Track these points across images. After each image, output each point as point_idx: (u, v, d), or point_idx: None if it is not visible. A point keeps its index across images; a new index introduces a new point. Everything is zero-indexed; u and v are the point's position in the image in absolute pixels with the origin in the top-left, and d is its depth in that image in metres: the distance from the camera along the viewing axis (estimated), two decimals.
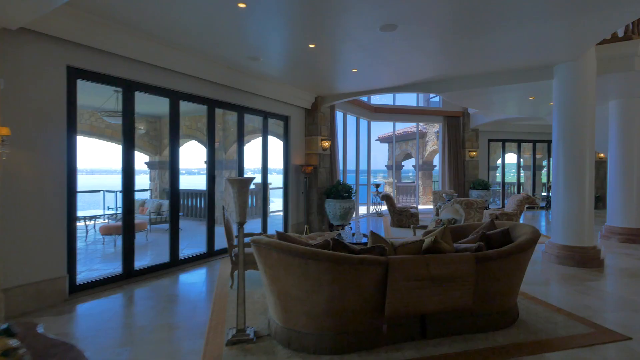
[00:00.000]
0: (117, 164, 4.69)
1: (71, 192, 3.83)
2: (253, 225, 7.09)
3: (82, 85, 4.25)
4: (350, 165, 10.44)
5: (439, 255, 2.80)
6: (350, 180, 10.45)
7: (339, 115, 9.32)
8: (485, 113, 10.72)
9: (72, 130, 3.83)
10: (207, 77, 5.27)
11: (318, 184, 7.61)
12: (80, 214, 7.51)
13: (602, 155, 11.78)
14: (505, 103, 8.07)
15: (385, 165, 17.51)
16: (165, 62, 4.65)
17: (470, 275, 2.78)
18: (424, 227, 5.43)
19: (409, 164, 18.11)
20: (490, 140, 12.28)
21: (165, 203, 8.81)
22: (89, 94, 7.25)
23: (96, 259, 5.76)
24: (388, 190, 15.13)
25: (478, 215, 7.14)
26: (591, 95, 5.13)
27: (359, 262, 2.54)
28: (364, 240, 4.78)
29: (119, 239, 7.12)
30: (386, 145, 17.49)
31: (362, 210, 11.30)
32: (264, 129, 6.74)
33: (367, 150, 10.96)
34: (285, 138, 7.34)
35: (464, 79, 6.15)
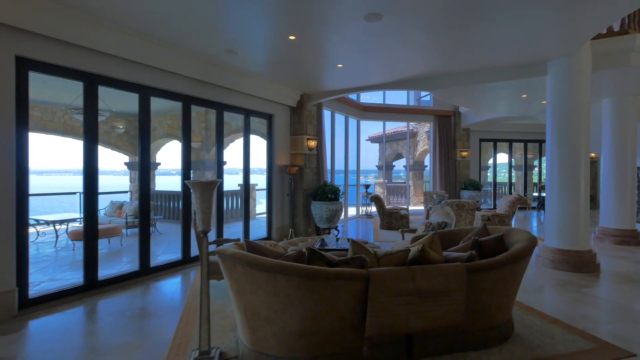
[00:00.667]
0: (100, 164, 4.33)
1: (22, 195, 3.44)
2: (235, 229, 6.75)
3: (49, 80, 3.88)
4: (339, 165, 10.14)
5: (427, 266, 2.50)
6: (339, 181, 10.16)
7: (326, 114, 9.01)
8: (476, 112, 10.52)
9: (22, 127, 3.45)
10: (181, 71, 4.92)
11: (304, 185, 7.29)
12: (48, 218, 7.07)
13: (593, 154, 11.68)
14: (496, 101, 7.85)
15: (376, 166, 17.26)
16: (132, 54, 4.29)
17: (461, 289, 2.49)
18: (414, 230, 5.15)
19: (400, 164, 17.90)
20: (481, 140, 12.11)
21: None
22: (61, 90, 6.83)
23: (63, 267, 5.36)
24: (379, 191, 14.87)
25: (469, 217, 6.88)
26: (586, 93, 4.91)
27: (334, 276, 2.23)
28: (344, 244, 4.47)
29: None
30: (377, 145, 17.24)
31: (352, 211, 11.01)
32: (246, 127, 6.39)
33: (357, 150, 10.68)
34: (269, 137, 7.01)
35: (454, 75, 5.89)
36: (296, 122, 7.34)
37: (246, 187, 6.49)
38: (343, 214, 10.03)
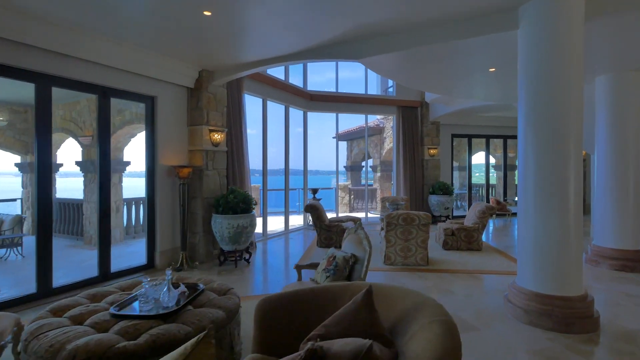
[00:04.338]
0: None
1: None
2: (133, 248, 4.80)
3: None
4: (279, 165, 8.34)
5: None
6: (277, 185, 8.36)
7: (253, 100, 7.19)
8: (446, 101, 8.82)
9: None
10: None
11: (204, 193, 5.44)
12: None
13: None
14: (461, 81, 6.10)
15: (344, 166, 15.49)
16: None
17: None
18: (317, 264, 3.34)
19: (369, 165, 16.13)
20: (453, 136, 10.41)
21: (8, 219, 6.47)
22: None
23: None
24: (343, 196, 13.09)
25: (422, 235, 5.13)
26: (577, 51, 3.19)
27: None
28: (171, 303, 2.48)
29: None
30: (345, 143, 15.47)
31: (298, 221, 9.21)
32: (100, 112, 4.51)
33: (304, 147, 8.87)
34: (150, 128, 5.14)
35: (392, 35, 4.13)
36: (194, 109, 5.49)
37: (103, 195, 4.60)
38: (283, 225, 8.21)
